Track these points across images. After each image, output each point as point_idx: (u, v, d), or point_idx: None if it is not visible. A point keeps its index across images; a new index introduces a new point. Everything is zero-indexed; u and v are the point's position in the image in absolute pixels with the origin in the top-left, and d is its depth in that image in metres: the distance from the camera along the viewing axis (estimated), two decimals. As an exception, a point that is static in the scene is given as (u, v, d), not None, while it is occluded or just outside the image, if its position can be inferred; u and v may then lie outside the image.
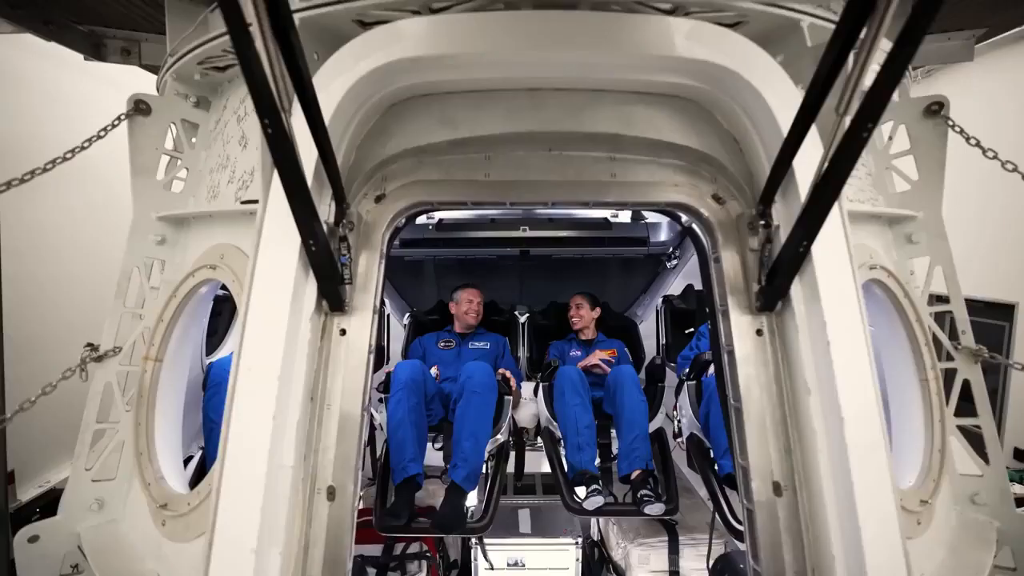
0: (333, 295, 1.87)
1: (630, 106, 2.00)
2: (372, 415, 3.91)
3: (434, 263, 4.86)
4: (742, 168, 2.03)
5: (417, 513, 3.36)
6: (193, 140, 2.64)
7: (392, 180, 2.07)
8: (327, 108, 1.75)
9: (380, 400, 3.75)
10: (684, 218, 2.49)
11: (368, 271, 2.01)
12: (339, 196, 1.85)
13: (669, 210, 2.37)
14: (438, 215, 4.45)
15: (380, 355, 4.18)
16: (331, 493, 1.89)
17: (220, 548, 1.63)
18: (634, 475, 3.33)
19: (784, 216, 1.85)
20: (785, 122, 1.75)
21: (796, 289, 1.83)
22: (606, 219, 4.47)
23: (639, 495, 3.21)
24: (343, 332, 1.96)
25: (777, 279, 1.82)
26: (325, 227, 1.84)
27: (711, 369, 3.59)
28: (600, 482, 3.38)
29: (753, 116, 1.89)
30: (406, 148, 2.01)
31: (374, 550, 3.84)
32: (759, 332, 1.97)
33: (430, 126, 2.01)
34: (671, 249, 4.61)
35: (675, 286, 4.89)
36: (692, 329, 4.35)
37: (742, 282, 2.00)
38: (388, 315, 4.36)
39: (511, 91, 1.99)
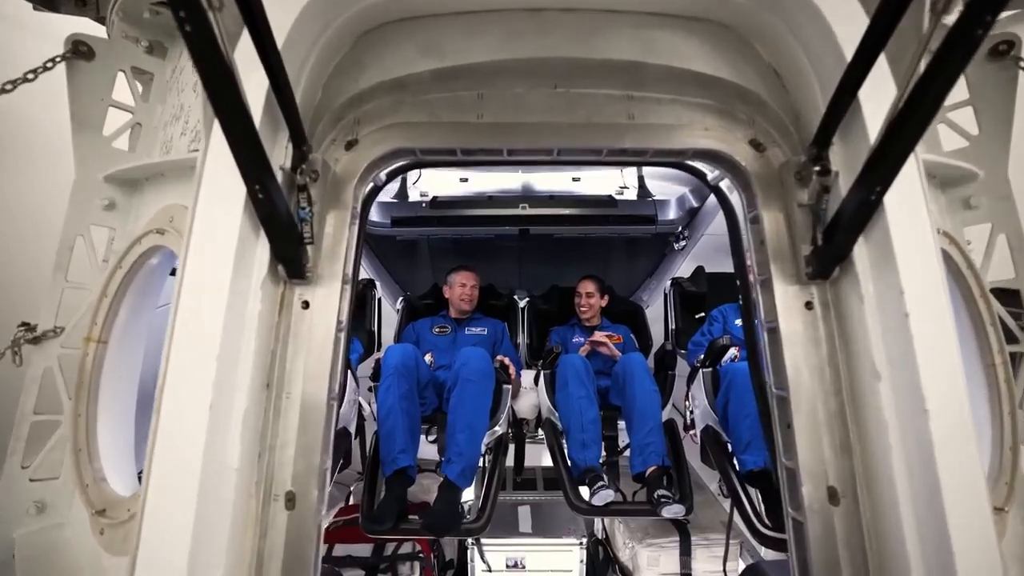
0: (291, 259, 1.48)
1: (652, 30, 1.60)
2: (361, 404, 3.54)
3: (429, 244, 4.47)
4: (786, 106, 1.64)
5: (408, 511, 2.99)
6: (147, 92, 2.25)
7: (366, 123, 1.67)
8: (279, 29, 1.36)
9: (370, 389, 3.39)
10: (711, 176, 2.11)
11: (338, 233, 1.62)
12: (297, 137, 1.46)
13: (691, 166, 1.99)
14: (432, 191, 4.06)
15: (371, 342, 3.80)
16: (291, 499, 1.51)
17: (143, 573, 1.25)
18: (649, 472, 2.95)
19: (845, 161, 1.46)
20: (848, 44, 1.37)
21: (860, 250, 1.44)
22: (610, 196, 4.07)
23: (656, 495, 2.84)
24: (306, 305, 1.58)
25: (837, 237, 1.43)
26: (280, 174, 1.46)
27: (727, 355, 3.21)
28: (606, 479, 3.01)
29: (805, 39, 1.50)
30: (381, 81, 1.61)
31: (363, 550, 3.48)
32: (809, 305, 1.58)
33: (410, 55, 1.61)
34: (680, 228, 4.22)
35: (683, 268, 4.50)
36: (703, 313, 3.96)
37: (787, 245, 1.62)
38: (379, 299, 3.98)
39: (508, 11, 1.59)
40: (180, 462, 1.27)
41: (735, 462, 2.93)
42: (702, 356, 3.29)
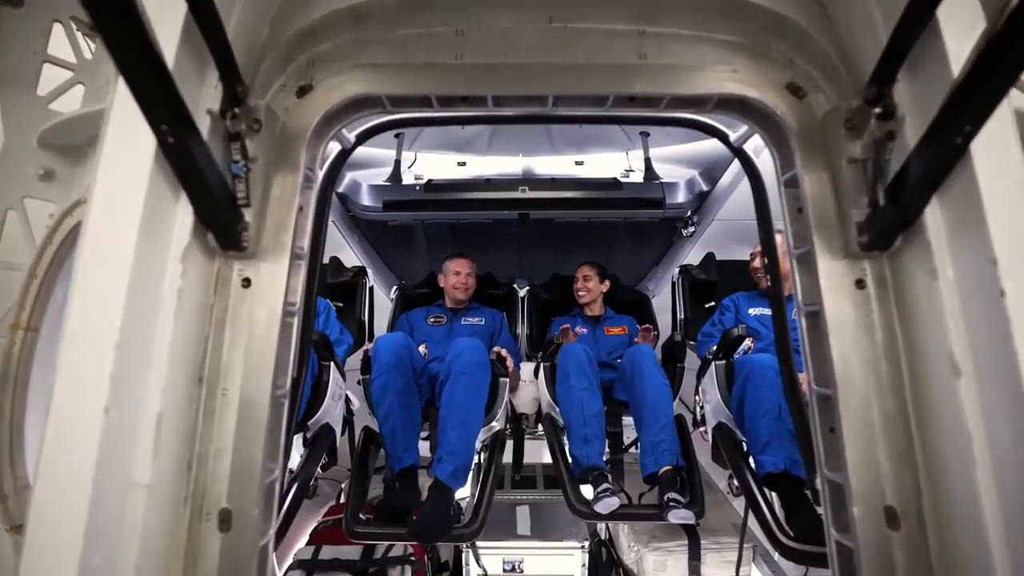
0: (222, 225, 1.17)
1: (670, -54, 1.28)
2: (349, 398, 3.24)
3: (425, 230, 4.15)
4: (832, 40, 1.30)
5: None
6: (92, 47, 1.93)
7: (322, 65, 1.35)
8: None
9: (359, 382, 3.09)
10: (734, 136, 1.78)
11: (287, 198, 1.30)
12: (228, 75, 1.15)
13: (709, 125, 1.67)
14: (428, 175, 3.75)
15: (361, 333, 3.49)
16: (225, 519, 1.20)
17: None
18: (662, 472, 2.65)
19: (916, 101, 1.13)
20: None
21: (933, 213, 1.10)
22: (615, 179, 3.74)
23: (666, 498, 2.53)
24: (247, 283, 1.26)
25: (903, 197, 1.10)
26: (208, 119, 1.14)
27: (743, 346, 2.88)
28: (610, 479, 2.71)
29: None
30: (337, 10, 1.29)
31: (351, 552, 3.19)
32: (860, 283, 1.26)
33: (373, -23, 1.30)
34: (689, 213, 3.88)
35: (691, 256, 4.16)
36: (713, 303, 3.63)
37: (834, 212, 1.29)
38: (371, 287, 3.67)
39: (493, -78, 1.27)
40: (66, 481, 0.96)
41: (751, 462, 2.62)
42: (714, 347, 2.96)
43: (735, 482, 3.49)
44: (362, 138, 1.58)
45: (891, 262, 1.23)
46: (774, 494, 2.50)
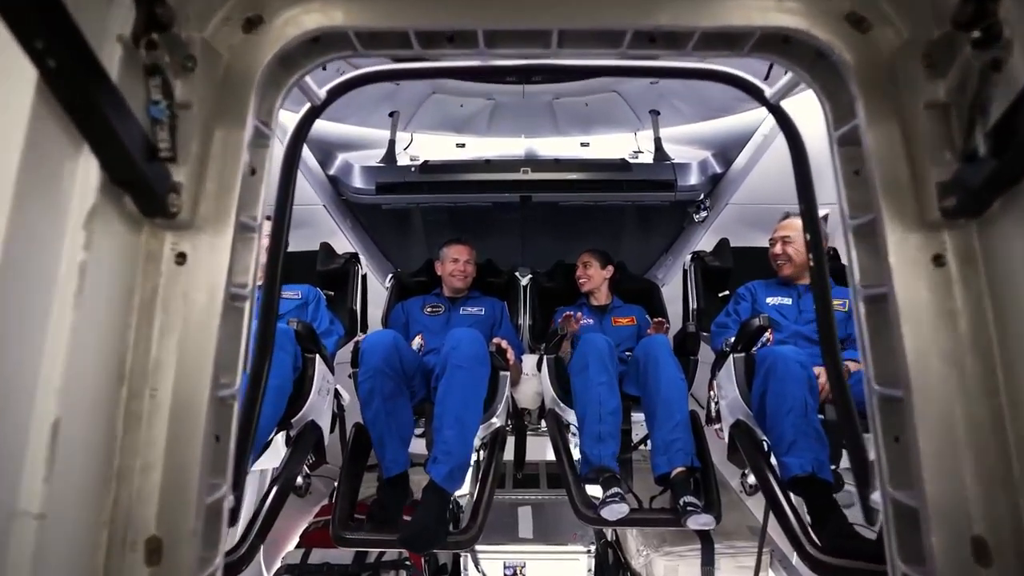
0: (140, 184, 0.92)
1: None
2: (340, 393, 3.00)
3: (422, 214, 3.89)
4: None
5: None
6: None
7: (276, -7, 1.10)
8: None
9: (349, 376, 2.86)
10: (771, 92, 1.51)
11: (231, 155, 1.05)
12: (146, -8, 0.90)
13: (741, 80, 1.41)
14: (422, 153, 3.49)
15: (353, 323, 3.25)
16: (155, 548, 0.96)
17: None
18: (675, 473, 2.41)
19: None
20: None
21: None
22: (624, 160, 3.47)
23: (682, 502, 2.29)
24: (181, 259, 1.01)
25: (1015, 145, 0.84)
26: (119, 50, 0.89)
27: (765, 337, 2.63)
28: (621, 483, 2.47)
29: None
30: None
31: (343, 556, 2.97)
32: (939, 260, 1.00)
33: None
34: (702, 196, 3.61)
35: (703, 243, 3.89)
36: (727, 292, 3.36)
37: (905, 170, 1.02)
38: (364, 275, 3.42)
39: None
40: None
41: (773, 463, 2.37)
42: (731, 339, 2.70)
43: (748, 481, 3.26)
44: (334, 94, 1.33)
45: (982, 232, 0.97)
46: (798, 498, 2.26)
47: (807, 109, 1.34)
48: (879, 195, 1.02)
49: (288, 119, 1.39)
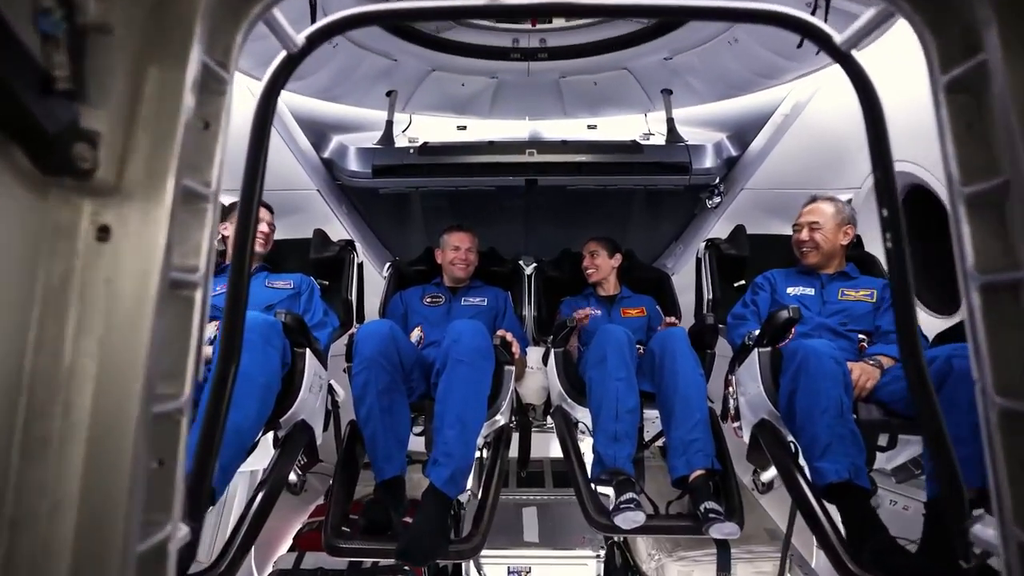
0: (28, 128, 0.66)
1: None
2: (334, 389, 2.75)
3: (421, 200, 3.63)
4: None
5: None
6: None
7: None
8: None
9: (344, 370, 2.61)
10: (841, 38, 1.24)
11: (169, 101, 0.79)
12: None
13: (803, 23, 1.14)
14: (421, 136, 3.22)
15: (348, 314, 3.00)
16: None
17: None
18: (694, 477, 2.18)
19: None
20: None
21: None
22: (635, 141, 3.21)
23: (703, 508, 2.07)
24: (103, 233, 0.76)
25: None
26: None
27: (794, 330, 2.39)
28: (635, 486, 2.23)
29: None
30: None
31: (338, 561, 2.73)
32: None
33: None
34: (717, 180, 3.35)
35: (716, 230, 3.63)
36: (743, 282, 3.11)
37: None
38: (360, 264, 3.16)
39: None
40: None
41: (802, 466, 2.13)
42: (754, 331, 2.45)
43: (761, 479, 3.03)
44: (315, 40, 1.06)
45: None
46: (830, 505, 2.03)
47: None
48: (1015, 152, 0.76)
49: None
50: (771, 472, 2.55)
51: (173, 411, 0.83)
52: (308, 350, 2.33)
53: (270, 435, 2.25)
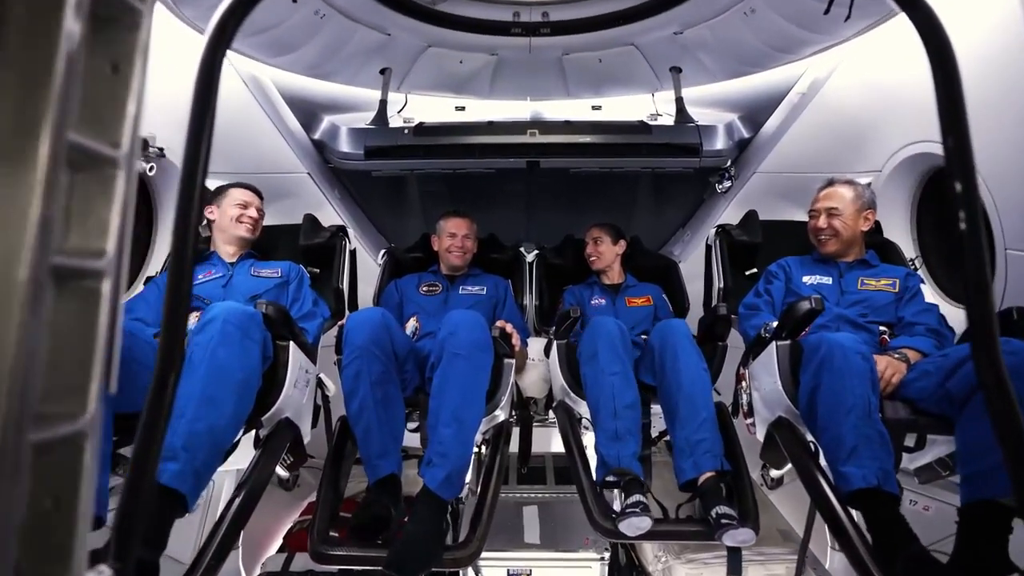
0: None
1: None
2: (324, 383, 2.57)
3: (418, 183, 3.42)
4: None
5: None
6: None
7: None
8: None
9: (335, 363, 2.42)
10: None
11: (37, 28, 0.59)
12: None
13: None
14: (417, 117, 3.01)
15: (340, 303, 2.81)
16: None
17: None
18: (703, 479, 2.00)
19: None
20: None
21: None
22: (642, 122, 2.99)
23: (715, 513, 1.89)
24: None
25: None
26: None
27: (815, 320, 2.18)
28: (642, 487, 2.05)
29: None
30: None
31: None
32: None
33: None
34: (728, 163, 3.13)
35: (725, 216, 3.42)
36: (755, 270, 2.91)
37: None
38: (353, 251, 2.96)
39: None
40: None
41: (825, 469, 1.94)
42: (772, 323, 2.25)
43: (770, 474, 2.85)
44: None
45: None
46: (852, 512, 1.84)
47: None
48: None
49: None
50: (782, 468, 2.37)
51: (69, 435, 0.63)
52: (292, 343, 2.13)
53: (251, 436, 2.07)
